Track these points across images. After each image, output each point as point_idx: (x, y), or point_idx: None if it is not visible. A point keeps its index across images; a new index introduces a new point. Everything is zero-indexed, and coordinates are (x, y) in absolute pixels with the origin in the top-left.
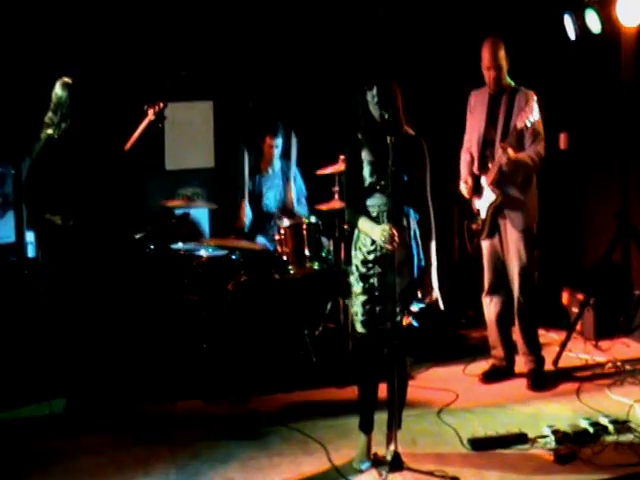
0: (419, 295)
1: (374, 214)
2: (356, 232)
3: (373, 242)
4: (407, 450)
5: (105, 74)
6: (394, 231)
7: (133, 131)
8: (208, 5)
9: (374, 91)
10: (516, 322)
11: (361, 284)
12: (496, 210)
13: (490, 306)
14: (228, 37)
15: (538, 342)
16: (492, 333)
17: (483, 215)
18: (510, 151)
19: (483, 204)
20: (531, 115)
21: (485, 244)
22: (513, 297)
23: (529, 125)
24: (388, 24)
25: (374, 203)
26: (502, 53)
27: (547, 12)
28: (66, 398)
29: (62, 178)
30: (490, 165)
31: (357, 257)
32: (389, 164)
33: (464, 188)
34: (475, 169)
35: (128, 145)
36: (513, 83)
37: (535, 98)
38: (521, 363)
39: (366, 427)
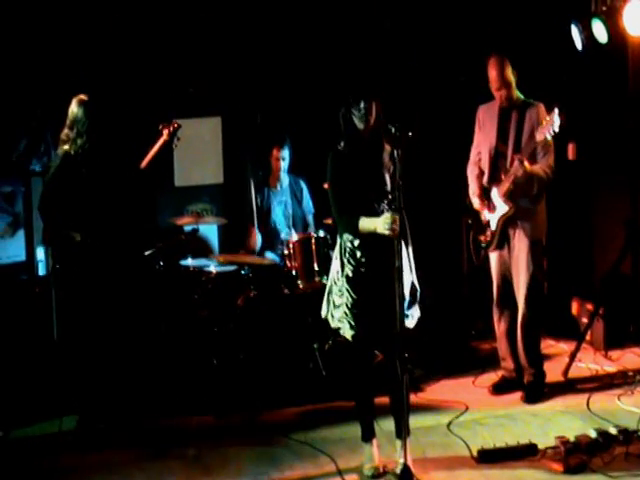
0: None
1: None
2: (342, 244)
3: (362, 255)
4: (417, 462)
5: (116, 91)
6: (395, 218)
7: (147, 150)
8: (215, 22)
9: (361, 105)
10: (519, 334)
11: (355, 296)
12: (507, 221)
13: (500, 319)
14: (235, 53)
15: (540, 355)
16: (502, 345)
17: (493, 227)
18: (526, 163)
19: (494, 216)
20: (552, 128)
21: (494, 256)
22: (518, 308)
23: (549, 137)
24: (393, 35)
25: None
26: (508, 70)
27: (554, 22)
28: (78, 415)
29: (79, 194)
30: (503, 177)
31: (347, 269)
32: (397, 178)
33: (477, 202)
34: (485, 182)
35: (144, 164)
36: (522, 96)
37: (557, 110)
38: None
39: (366, 436)
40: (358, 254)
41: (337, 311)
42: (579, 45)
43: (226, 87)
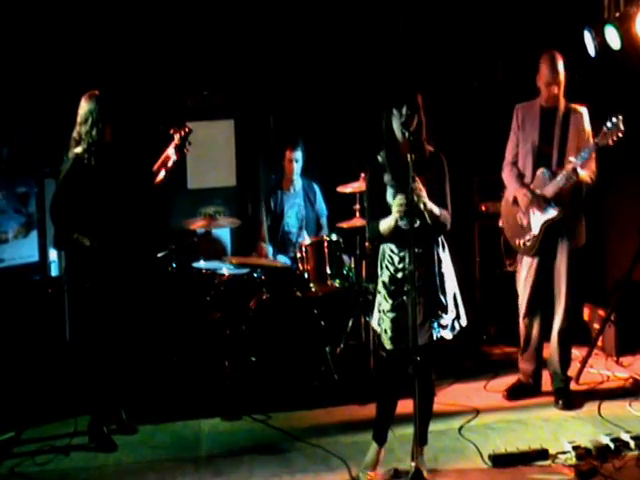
0: (447, 309)
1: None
2: (381, 250)
3: (400, 260)
4: (428, 466)
5: (128, 94)
6: (404, 200)
7: (159, 154)
8: (228, 25)
9: (403, 110)
10: (555, 341)
11: (390, 301)
12: (550, 227)
13: (533, 324)
14: (248, 56)
15: (570, 362)
16: (531, 350)
17: (535, 231)
18: (580, 171)
19: (537, 220)
20: (616, 135)
21: (530, 261)
22: (555, 315)
23: (611, 143)
24: (408, 39)
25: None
26: (562, 67)
27: (567, 28)
28: (91, 415)
29: (90, 199)
30: (551, 181)
31: (384, 275)
32: (410, 182)
33: (523, 200)
34: (530, 184)
35: (155, 167)
36: (565, 98)
37: (620, 117)
38: (548, 380)
39: (379, 438)
40: (396, 260)
41: (383, 317)
42: (592, 51)
43: (239, 90)
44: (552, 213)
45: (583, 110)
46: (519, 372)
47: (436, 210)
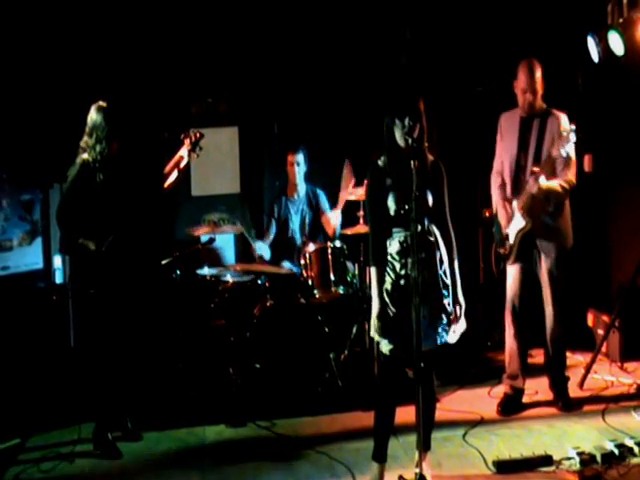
0: (451, 314)
1: (400, 239)
2: None
3: (402, 267)
4: (433, 472)
5: (134, 101)
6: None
7: (169, 160)
8: (232, 32)
9: (405, 121)
10: (550, 347)
11: (394, 310)
12: (526, 236)
13: (516, 335)
14: (252, 62)
15: (566, 363)
16: (516, 362)
17: (511, 240)
18: (541, 180)
19: (512, 229)
20: (567, 144)
21: (512, 269)
22: (546, 321)
23: (564, 155)
24: (412, 44)
25: (400, 229)
26: (539, 75)
27: (571, 34)
28: (95, 422)
29: (95, 203)
30: (522, 190)
31: (386, 282)
32: (413, 189)
33: (502, 217)
34: (508, 194)
35: (167, 169)
36: (545, 105)
37: (573, 127)
38: (545, 386)
39: (379, 456)
40: (397, 266)
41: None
42: (595, 57)
43: (243, 97)
44: (521, 223)
45: (561, 115)
46: (505, 385)
47: (454, 267)
